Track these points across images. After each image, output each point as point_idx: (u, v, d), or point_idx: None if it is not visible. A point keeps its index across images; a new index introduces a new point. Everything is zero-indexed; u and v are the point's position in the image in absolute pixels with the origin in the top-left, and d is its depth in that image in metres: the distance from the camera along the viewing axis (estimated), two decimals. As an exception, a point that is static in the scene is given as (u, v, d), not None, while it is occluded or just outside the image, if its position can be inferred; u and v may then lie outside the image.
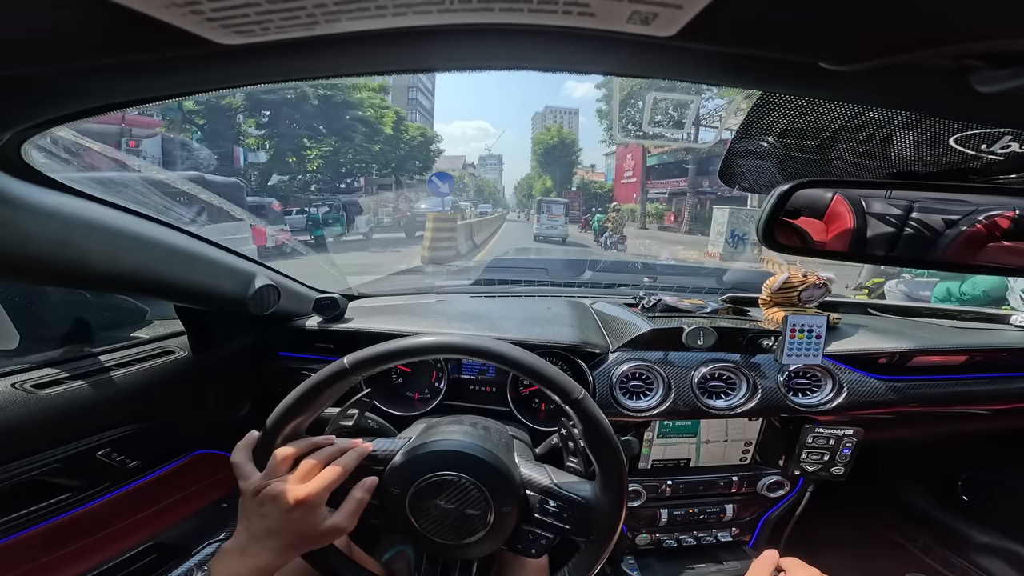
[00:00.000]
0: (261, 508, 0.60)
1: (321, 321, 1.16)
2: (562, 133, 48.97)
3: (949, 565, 1.33)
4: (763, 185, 0.70)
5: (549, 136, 47.77)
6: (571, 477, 0.73)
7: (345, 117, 19.71)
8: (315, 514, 0.61)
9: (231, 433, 1.13)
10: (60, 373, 0.79)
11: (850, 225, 0.67)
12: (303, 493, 0.60)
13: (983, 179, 0.58)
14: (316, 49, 0.29)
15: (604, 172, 48.56)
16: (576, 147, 49.18)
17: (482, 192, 66.33)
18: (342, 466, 0.65)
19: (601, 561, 0.68)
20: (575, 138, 50.87)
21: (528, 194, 54.94)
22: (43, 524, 0.79)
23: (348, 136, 19.87)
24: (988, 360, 1.18)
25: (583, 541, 0.69)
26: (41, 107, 0.41)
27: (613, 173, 41.86)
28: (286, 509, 0.59)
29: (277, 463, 0.63)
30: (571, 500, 0.69)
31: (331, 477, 0.63)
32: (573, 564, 0.70)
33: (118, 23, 0.25)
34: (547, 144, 47.10)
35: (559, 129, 50.43)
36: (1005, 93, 0.28)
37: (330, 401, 0.71)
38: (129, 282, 0.77)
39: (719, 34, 0.26)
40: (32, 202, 0.57)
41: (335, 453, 0.67)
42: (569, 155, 47.63)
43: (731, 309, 1.33)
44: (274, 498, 0.60)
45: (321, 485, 0.61)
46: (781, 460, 1.18)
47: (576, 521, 0.69)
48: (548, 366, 0.67)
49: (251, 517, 0.61)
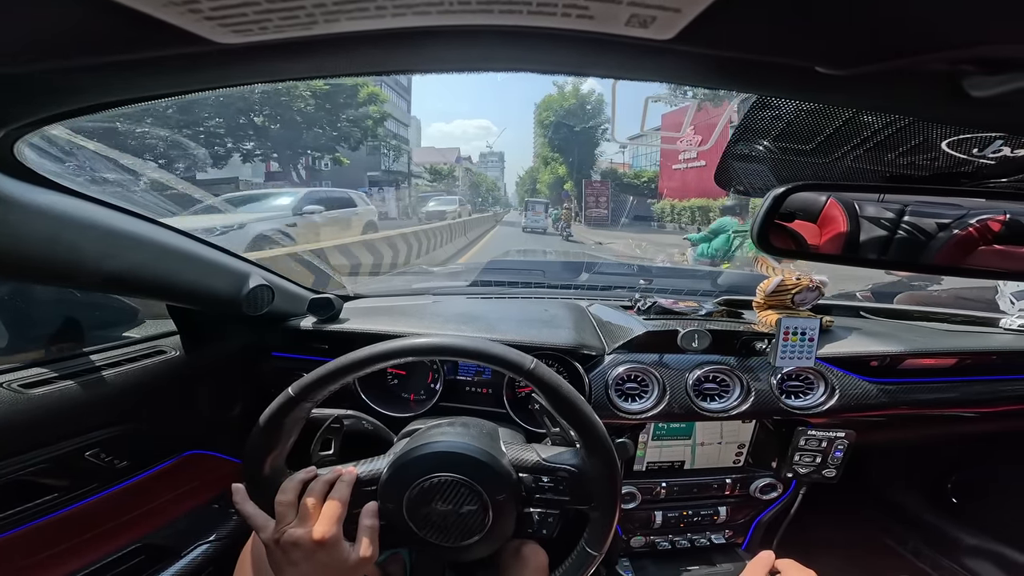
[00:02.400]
0: (288, 556, 0.61)
1: (316, 321, 1.16)
2: (580, 94, 30.77)
3: (939, 567, 1.34)
4: (758, 188, 0.71)
5: (562, 99, 30.77)
6: (557, 449, 0.73)
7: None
8: (339, 550, 0.62)
9: (223, 434, 1.13)
10: (48, 372, 0.78)
11: (843, 229, 0.68)
12: (319, 534, 0.60)
13: (975, 183, 0.59)
14: (315, 49, 0.29)
15: (628, 162, 32.18)
16: (601, 116, 30.45)
17: (478, 188, 61.65)
18: (338, 499, 0.65)
19: (613, 525, 0.68)
20: (601, 101, 30.76)
21: (532, 189, 43.75)
22: (30, 524, 0.78)
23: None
24: (978, 363, 1.20)
25: (587, 509, 0.69)
26: (35, 105, 0.40)
27: (641, 161, 30.50)
28: (311, 551, 0.60)
29: (284, 509, 0.63)
30: (561, 470, 0.69)
31: (335, 511, 0.63)
32: (588, 535, 0.69)
33: (115, 21, 0.25)
34: (558, 109, 30.76)
35: (576, 90, 31.04)
36: (998, 98, 0.28)
37: (293, 431, 0.71)
38: (121, 281, 0.77)
39: (717, 38, 0.26)
40: (24, 200, 0.56)
41: (325, 487, 0.66)
42: (590, 128, 30.38)
43: (725, 312, 1.33)
44: (295, 544, 0.60)
45: (331, 521, 0.62)
46: (774, 462, 1.19)
47: (573, 491, 0.69)
48: (493, 346, 0.68)
49: (282, 567, 0.62)
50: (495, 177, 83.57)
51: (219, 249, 0.94)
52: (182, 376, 1.01)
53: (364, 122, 18.88)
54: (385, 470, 0.70)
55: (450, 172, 45.55)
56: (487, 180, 72.89)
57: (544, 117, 32.80)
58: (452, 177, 45.49)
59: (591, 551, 0.69)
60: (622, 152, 32.17)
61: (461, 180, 51.59)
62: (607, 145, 32.17)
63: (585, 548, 0.69)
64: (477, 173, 69.46)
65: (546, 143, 34.38)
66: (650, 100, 9.34)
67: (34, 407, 0.74)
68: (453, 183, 45.65)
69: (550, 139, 33.05)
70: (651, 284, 1.65)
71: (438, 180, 43.10)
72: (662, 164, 26.43)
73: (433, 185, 41.81)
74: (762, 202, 0.65)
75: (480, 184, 65.40)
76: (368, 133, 19.45)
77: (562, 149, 32.04)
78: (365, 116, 18.77)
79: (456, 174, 47.83)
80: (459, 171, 50.51)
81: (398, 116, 36.02)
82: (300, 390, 0.67)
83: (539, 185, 39.90)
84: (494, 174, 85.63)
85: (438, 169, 44.73)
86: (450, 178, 44.81)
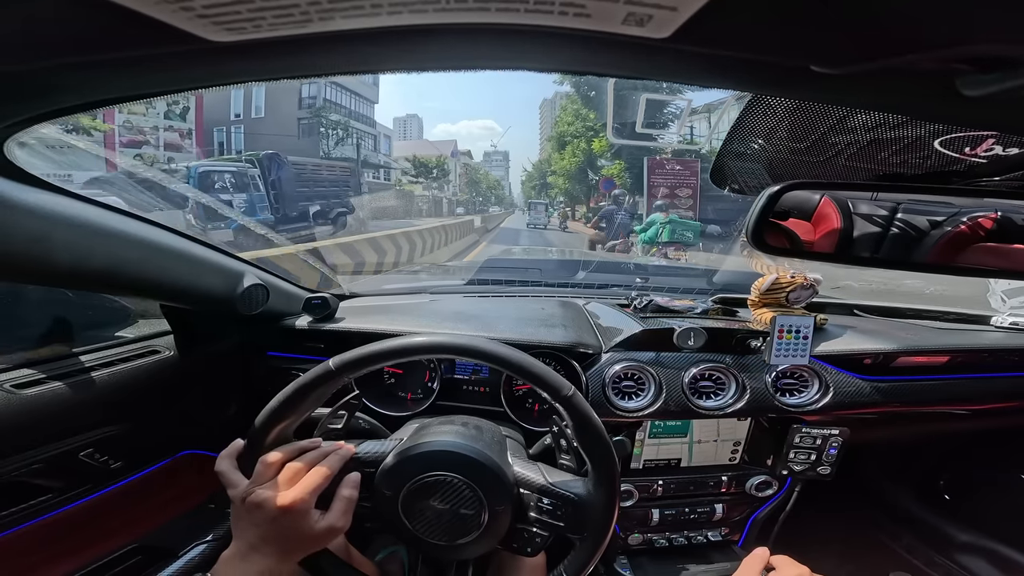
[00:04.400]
0: (251, 516, 0.60)
1: (311, 321, 1.15)
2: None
3: (932, 564, 1.36)
4: (753, 187, 0.71)
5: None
6: (564, 475, 0.73)
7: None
8: (306, 518, 0.61)
9: (218, 433, 1.12)
10: (41, 373, 0.78)
11: (837, 226, 0.68)
12: (289, 499, 0.60)
13: (967, 181, 0.59)
14: (309, 47, 0.29)
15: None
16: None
17: (477, 186, 55.38)
18: (327, 468, 0.64)
19: (596, 558, 0.68)
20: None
21: (542, 184, 37.36)
22: (24, 526, 0.77)
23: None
24: (969, 361, 1.21)
25: (577, 539, 0.69)
26: (26, 104, 0.40)
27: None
28: (274, 515, 0.59)
29: (263, 469, 0.62)
30: (564, 498, 0.69)
31: (315, 480, 0.63)
32: (568, 562, 0.70)
33: (107, 19, 0.25)
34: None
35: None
36: (990, 97, 0.28)
37: (317, 404, 0.71)
38: (114, 281, 0.76)
39: (713, 36, 0.26)
40: (15, 200, 0.56)
41: (319, 457, 0.66)
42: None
43: (721, 310, 1.34)
44: (260, 505, 0.59)
45: (306, 489, 0.61)
46: (769, 460, 1.20)
47: (570, 519, 0.69)
48: (538, 364, 0.68)
49: (243, 525, 0.60)
50: (499, 176, 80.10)
51: (213, 248, 0.93)
52: (176, 376, 1.01)
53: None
54: (390, 457, 0.70)
55: (440, 164, 37.81)
56: (488, 178, 66.78)
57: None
58: (442, 171, 38.27)
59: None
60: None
61: (455, 176, 45.31)
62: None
63: (563, 574, 0.69)
64: (477, 169, 62.45)
65: (575, 97, 23.25)
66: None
67: (27, 408, 0.73)
68: (444, 179, 40.00)
69: (581, 91, 22.08)
70: (647, 282, 1.66)
71: (425, 175, 36.43)
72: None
73: (420, 181, 35.97)
74: (757, 200, 0.65)
75: (480, 181, 59.08)
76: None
77: (600, 104, 20.58)
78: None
79: (447, 167, 40.44)
80: (452, 164, 43.50)
81: (352, 87, 25.85)
82: (342, 364, 0.66)
83: (553, 177, 28.59)
84: (499, 173, 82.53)
85: (424, 161, 36.61)
86: (439, 172, 37.77)
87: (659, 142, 14.88)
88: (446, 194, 40.55)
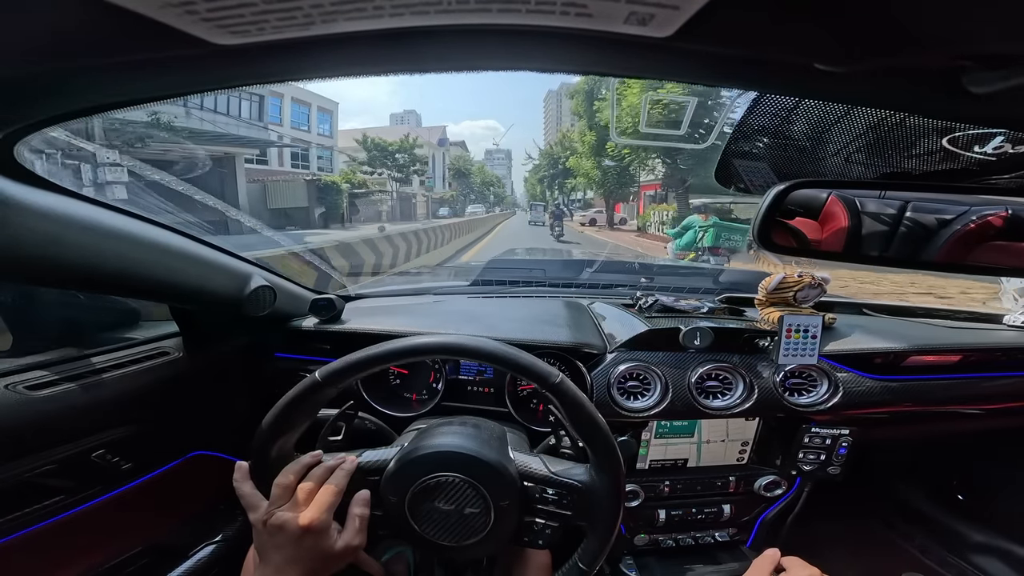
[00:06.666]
0: (273, 539, 0.61)
1: (318, 322, 1.16)
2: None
3: (946, 564, 1.34)
4: (759, 185, 0.70)
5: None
6: (566, 463, 0.73)
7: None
8: (326, 537, 0.62)
9: (227, 435, 1.13)
10: (54, 375, 0.79)
11: (844, 225, 0.67)
12: (307, 519, 0.61)
13: (976, 179, 0.58)
14: (313, 49, 0.29)
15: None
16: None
17: (467, 178, 45.03)
18: (335, 486, 0.65)
19: (608, 544, 0.68)
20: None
21: (552, 175, 33.67)
22: (36, 527, 0.78)
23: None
24: (982, 360, 1.19)
25: (586, 525, 0.69)
26: (34, 107, 0.41)
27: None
28: (297, 537, 0.60)
29: (280, 492, 0.64)
30: (568, 486, 0.69)
31: (328, 499, 0.64)
32: (582, 551, 0.69)
33: (113, 23, 0.25)
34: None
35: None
36: (998, 94, 0.28)
37: (312, 416, 0.71)
38: (123, 283, 0.77)
39: (715, 35, 0.26)
40: (25, 203, 0.56)
41: (326, 473, 0.67)
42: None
43: (727, 309, 1.33)
44: (281, 527, 0.61)
45: (322, 508, 0.62)
46: (778, 460, 1.19)
47: (576, 506, 0.69)
48: (523, 354, 0.68)
49: (267, 549, 0.62)
50: (501, 175, 77.16)
51: (221, 250, 0.94)
52: (185, 377, 1.02)
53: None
54: (392, 463, 0.71)
55: (410, 147, 27.72)
56: (486, 172, 59.07)
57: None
58: (410, 157, 27.92)
59: (583, 567, 0.69)
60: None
61: (438, 166, 34.47)
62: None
63: (577, 563, 0.69)
64: (469, 160, 51.64)
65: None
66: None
67: (41, 409, 0.74)
68: (422, 168, 29.70)
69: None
70: (652, 282, 1.65)
71: (382, 163, 26.57)
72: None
73: (375, 174, 26.23)
74: (763, 199, 0.64)
75: (473, 174, 48.94)
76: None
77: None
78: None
79: (424, 152, 30.18)
80: (430, 151, 32.68)
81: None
82: (327, 375, 0.67)
83: (576, 179, 26.31)
84: (500, 172, 79.67)
85: (381, 144, 26.55)
86: (407, 156, 27.61)
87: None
88: (420, 190, 32.13)
